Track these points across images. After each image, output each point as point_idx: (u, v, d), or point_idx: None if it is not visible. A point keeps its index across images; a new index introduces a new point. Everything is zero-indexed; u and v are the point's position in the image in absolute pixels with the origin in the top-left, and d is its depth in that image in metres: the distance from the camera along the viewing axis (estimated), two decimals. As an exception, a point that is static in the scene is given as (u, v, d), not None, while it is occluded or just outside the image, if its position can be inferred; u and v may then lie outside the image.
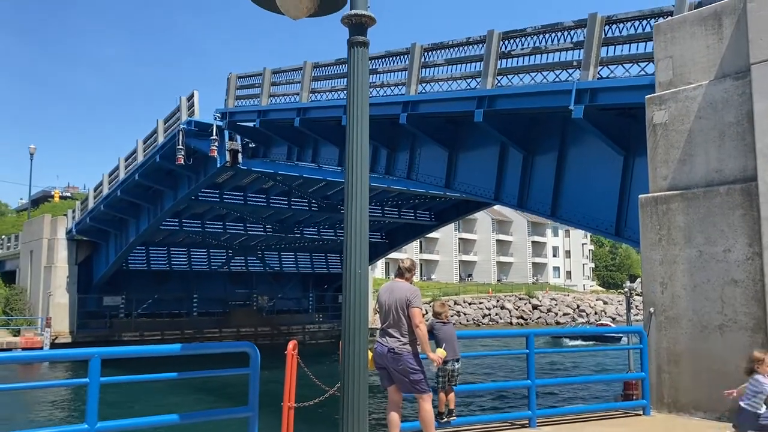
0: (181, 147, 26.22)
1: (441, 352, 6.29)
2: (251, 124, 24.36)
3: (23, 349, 34.37)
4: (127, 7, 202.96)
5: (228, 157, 25.50)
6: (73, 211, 40.75)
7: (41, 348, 35.01)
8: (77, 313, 38.65)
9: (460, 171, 17.91)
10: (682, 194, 8.31)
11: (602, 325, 49.15)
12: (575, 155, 15.00)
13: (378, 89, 18.35)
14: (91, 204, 37.11)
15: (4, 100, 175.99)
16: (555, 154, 15.32)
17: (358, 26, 4.65)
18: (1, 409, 18.84)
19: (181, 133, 26.33)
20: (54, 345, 35.48)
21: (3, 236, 52.43)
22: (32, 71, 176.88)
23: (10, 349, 33.94)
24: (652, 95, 8.91)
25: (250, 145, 26.32)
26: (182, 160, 26.25)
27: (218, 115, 25.40)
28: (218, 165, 26.18)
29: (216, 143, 25.08)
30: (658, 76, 8.92)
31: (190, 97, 27.28)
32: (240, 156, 25.74)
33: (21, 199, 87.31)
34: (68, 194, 75.26)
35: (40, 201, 73.35)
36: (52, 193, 71.87)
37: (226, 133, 25.45)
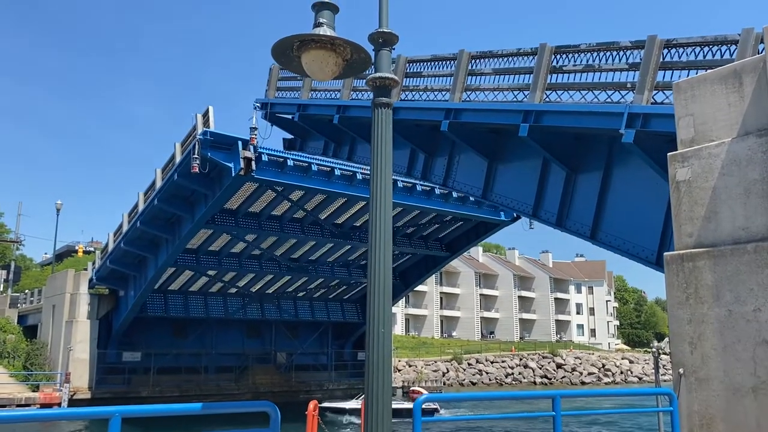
0: (196, 156, 25.56)
1: None
2: (289, 117, 24.56)
3: (41, 405, 34.27)
4: (160, 66, 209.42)
5: (242, 164, 25.32)
6: (93, 263, 41.19)
7: (59, 404, 34.82)
8: (96, 369, 38.50)
9: (499, 182, 17.61)
10: (709, 252, 8.17)
11: (415, 392, 44.20)
12: (620, 178, 14.61)
13: (421, 93, 18.14)
14: (111, 246, 37.30)
15: (35, 156, 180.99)
16: (599, 175, 14.90)
17: (382, 88, 4.77)
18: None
19: (197, 144, 26.01)
20: (72, 401, 35.25)
21: (26, 291, 52.99)
22: (63, 127, 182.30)
23: (28, 405, 33.88)
24: (674, 152, 8.89)
25: (266, 143, 26.38)
26: (197, 168, 25.46)
27: (258, 105, 25.48)
28: (233, 173, 25.97)
29: (256, 131, 24.98)
30: (679, 133, 8.91)
31: (206, 113, 27.58)
32: (253, 164, 25.57)
33: (45, 253, 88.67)
34: (92, 248, 76.16)
35: (64, 255, 74.31)
36: (76, 247, 72.76)
37: (239, 143, 25.55)
